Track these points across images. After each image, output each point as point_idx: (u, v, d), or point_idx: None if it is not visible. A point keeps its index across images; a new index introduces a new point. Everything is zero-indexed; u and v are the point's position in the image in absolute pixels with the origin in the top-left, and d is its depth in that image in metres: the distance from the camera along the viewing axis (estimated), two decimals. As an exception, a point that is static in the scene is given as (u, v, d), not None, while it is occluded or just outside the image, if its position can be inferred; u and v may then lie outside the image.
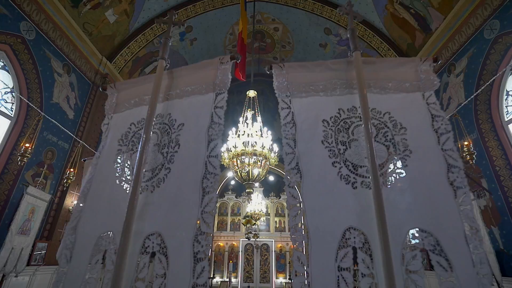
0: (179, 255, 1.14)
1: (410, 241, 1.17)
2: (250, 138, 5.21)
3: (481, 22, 6.12)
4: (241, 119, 5.74)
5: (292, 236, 1.18)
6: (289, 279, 11.27)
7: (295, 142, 1.42)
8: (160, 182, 1.37)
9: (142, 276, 1.17)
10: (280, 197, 12.97)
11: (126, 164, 1.50)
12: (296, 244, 1.16)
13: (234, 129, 5.63)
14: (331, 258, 1.15)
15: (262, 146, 5.20)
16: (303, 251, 1.15)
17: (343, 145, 1.40)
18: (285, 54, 12.06)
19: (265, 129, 5.67)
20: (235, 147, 5.12)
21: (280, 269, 11.89)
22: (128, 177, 1.46)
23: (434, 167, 1.29)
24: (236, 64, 4.60)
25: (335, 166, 1.35)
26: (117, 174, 1.49)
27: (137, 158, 1.34)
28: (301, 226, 1.22)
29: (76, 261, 1.32)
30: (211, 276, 11.33)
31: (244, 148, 5.05)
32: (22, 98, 6.32)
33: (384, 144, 1.39)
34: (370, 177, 1.26)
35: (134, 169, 1.32)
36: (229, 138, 5.49)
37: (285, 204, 12.90)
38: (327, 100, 1.52)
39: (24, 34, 6.19)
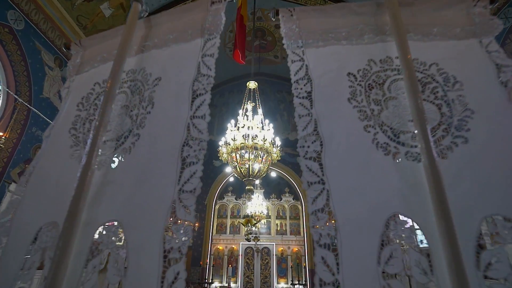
0: (142, 255, 0.77)
1: (490, 234, 0.79)
2: (250, 131, 4.83)
3: (495, 10, 5.79)
4: (240, 111, 5.35)
5: (313, 227, 0.80)
6: (291, 284, 10.80)
7: (311, 102, 1.05)
8: (125, 153, 0.99)
9: (89, 287, 0.79)
10: (281, 199, 12.53)
11: (84, 134, 1.13)
12: (320, 239, 0.77)
13: (233, 121, 5.23)
14: (372, 259, 0.77)
15: (264, 139, 4.81)
16: (329, 249, 0.77)
17: (378, 104, 1.03)
18: (287, 52, 11.71)
19: (267, 121, 5.28)
20: (234, 140, 4.74)
21: (282, 274, 11.43)
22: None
23: (509, 130, 0.93)
24: (234, 45, 4.24)
25: (369, 132, 0.98)
26: (71, 148, 1.12)
27: (95, 122, 0.97)
28: (326, 212, 0.84)
29: (4, 263, 0.94)
30: (210, 281, 10.86)
31: (244, 142, 4.67)
32: (9, 92, 5.98)
33: (434, 103, 1.02)
34: (420, 146, 0.90)
35: (90, 138, 0.95)
36: (228, 131, 5.08)
37: (286, 206, 12.46)
38: (353, 49, 1.15)
39: (12, 24, 5.86)
